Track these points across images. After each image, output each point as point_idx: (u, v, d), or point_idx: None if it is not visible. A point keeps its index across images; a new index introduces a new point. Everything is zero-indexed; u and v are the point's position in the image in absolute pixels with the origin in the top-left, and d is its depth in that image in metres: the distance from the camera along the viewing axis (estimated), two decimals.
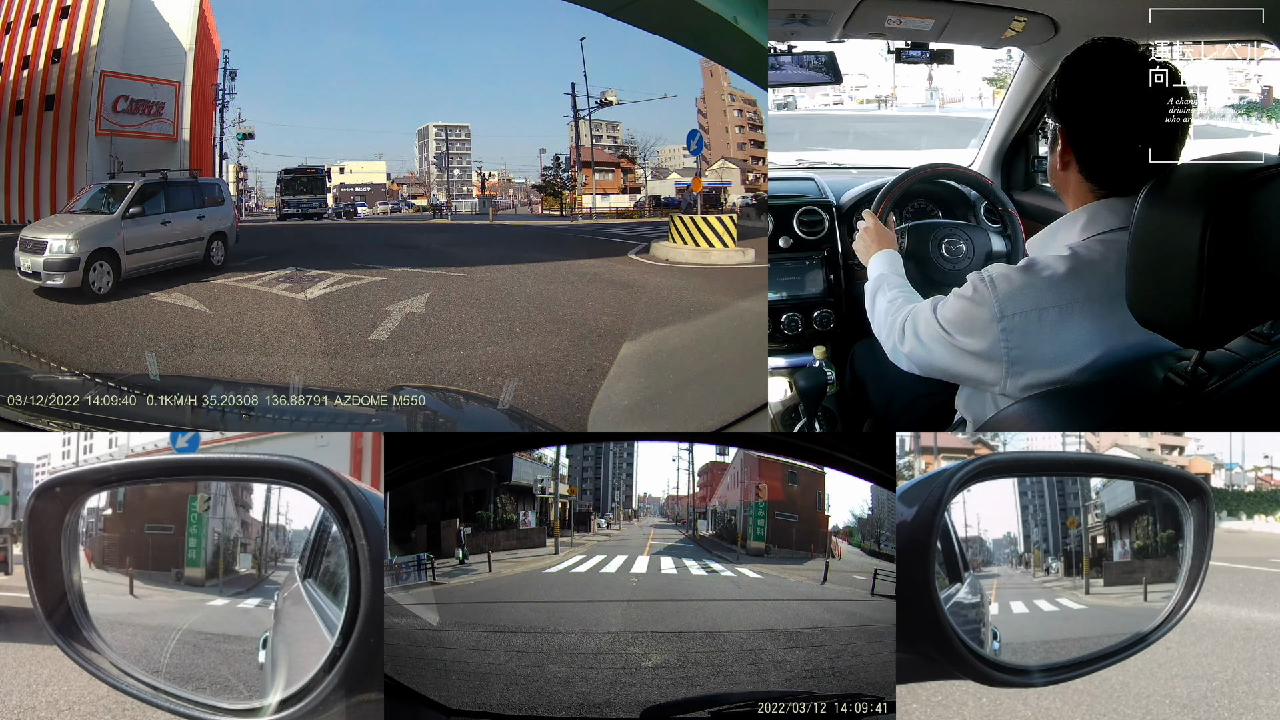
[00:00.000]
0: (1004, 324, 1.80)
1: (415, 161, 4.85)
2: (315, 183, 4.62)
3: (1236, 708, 4.43)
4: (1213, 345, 1.63)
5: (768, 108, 4.56)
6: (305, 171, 4.59)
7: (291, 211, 4.58)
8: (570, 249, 4.46)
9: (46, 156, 3.80)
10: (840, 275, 3.45)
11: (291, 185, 4.59)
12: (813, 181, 3.61)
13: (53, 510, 1.14)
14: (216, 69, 4.03)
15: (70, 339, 3.31)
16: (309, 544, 1.21)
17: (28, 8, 3.83)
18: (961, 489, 1.20)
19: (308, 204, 4.62)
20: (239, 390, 2.95)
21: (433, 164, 4.85)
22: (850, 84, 9.48)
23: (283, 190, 4.57)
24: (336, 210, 4.65)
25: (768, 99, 4.33)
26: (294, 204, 4.59)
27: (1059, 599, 1.27)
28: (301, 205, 4.60)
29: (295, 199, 4.60)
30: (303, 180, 4.60)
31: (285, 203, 4.56)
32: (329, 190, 4.61)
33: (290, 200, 4.59)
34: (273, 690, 1.11)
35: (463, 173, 4.85)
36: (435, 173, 4.86)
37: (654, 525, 1.24)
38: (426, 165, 4.86)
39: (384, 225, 4.76)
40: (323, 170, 4.64)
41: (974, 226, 3.16)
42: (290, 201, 4.59)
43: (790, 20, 3.03)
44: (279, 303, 3.71)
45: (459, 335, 3.56)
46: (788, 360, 3.42)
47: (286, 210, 4.57)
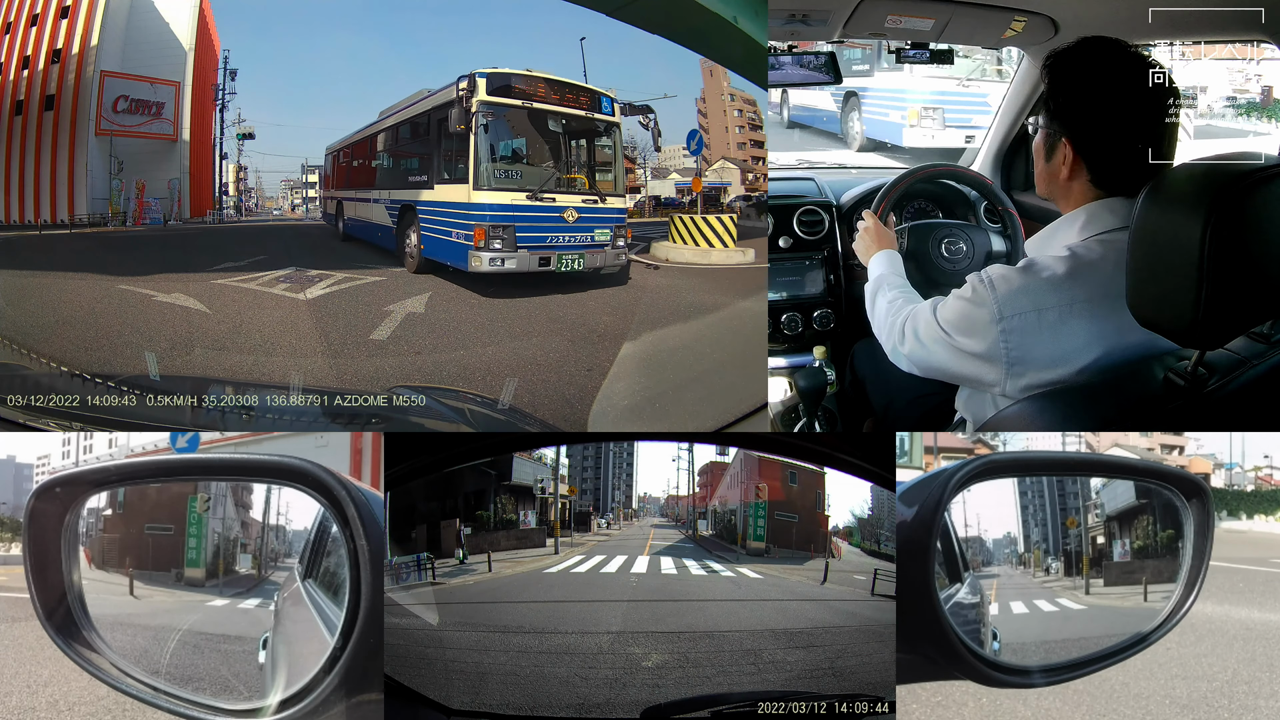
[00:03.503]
0: (1003, 325, 1.80)
1: None
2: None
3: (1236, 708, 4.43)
4: (1213, 345, 1.63)
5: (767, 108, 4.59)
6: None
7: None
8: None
9: (46, 156, 3.80)
10: (840, 275, 3.45)
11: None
12: (813, 181, 3.61)
13: (53, 510, 1.14)
14: (216, 69, 4.03)
15: (70, 339, 3.31)
16: (309, 544, 1.21)
17: (28, 8, 3.83)
18: (961, 489, 1.20)
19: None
20: (239, 390, 2.95)
21: None
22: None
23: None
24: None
25: (768, 99, 4.37)
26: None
27: (1059, 599, 1.27)
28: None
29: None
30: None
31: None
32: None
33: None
34: (273, 690, 1.11)
35: None
36: None
37: (654, 525, 1.24)
38: None
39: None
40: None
41: (974, 226, 3.16)
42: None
43: (790, 20, 3.03)
44: (279, 303, 3.71)
45: (459, 335, 3.56)
46: (788, 360, 3.42)
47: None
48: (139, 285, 3.64)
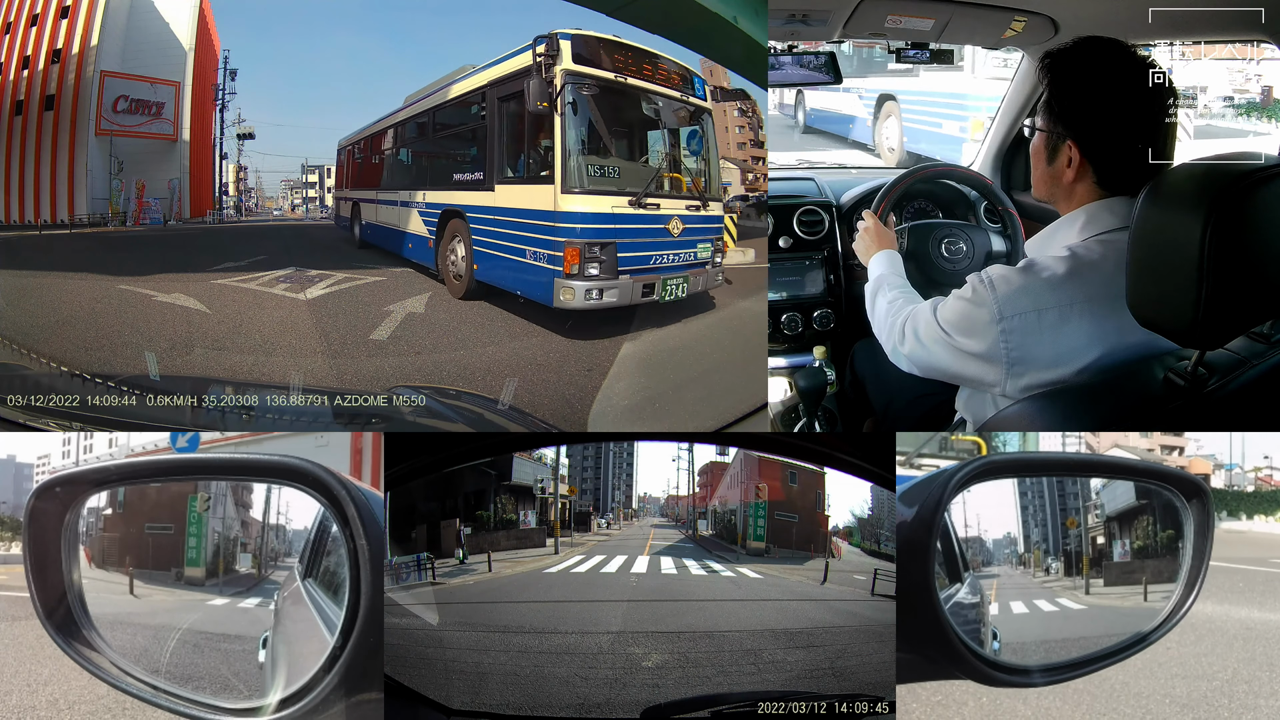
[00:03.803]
0: (1003, 325, 1.80)
1: None
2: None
3: (1236, 708, 4.43)
4: (1213, 345, 1.63)
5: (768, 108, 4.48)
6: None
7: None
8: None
9: (46, 156, 3.80)
10: (840, 275, 3.45)
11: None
12: (813, 181, 3.61)
13: (53, 510, 1.14)
14: (216, 69, 4.03)
15: (70, 339, 3.31)
16: (309, 544, 1.21)
17: (28, 8, 3.83)
18: (961, 489, 1.20)
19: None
20: (239, 390, 2.95)
21: None
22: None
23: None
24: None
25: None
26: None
27: (1059, 599, 1.27)
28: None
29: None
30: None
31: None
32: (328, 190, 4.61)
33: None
34: (273, 690, 1.11)
35: None
36: None
37: (654, 525, 1.24)
38: None
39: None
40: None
41: (974, 226, 3.16)
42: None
43: (790, 20, 3.03)
44: (279, 303, 3.71)
45: (459, 335, 3.56)
46: (788, 360, 3.42)
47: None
48: (139, 285, 3.64)
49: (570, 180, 2.73)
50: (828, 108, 8.70)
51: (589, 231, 2.74)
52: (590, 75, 2.85)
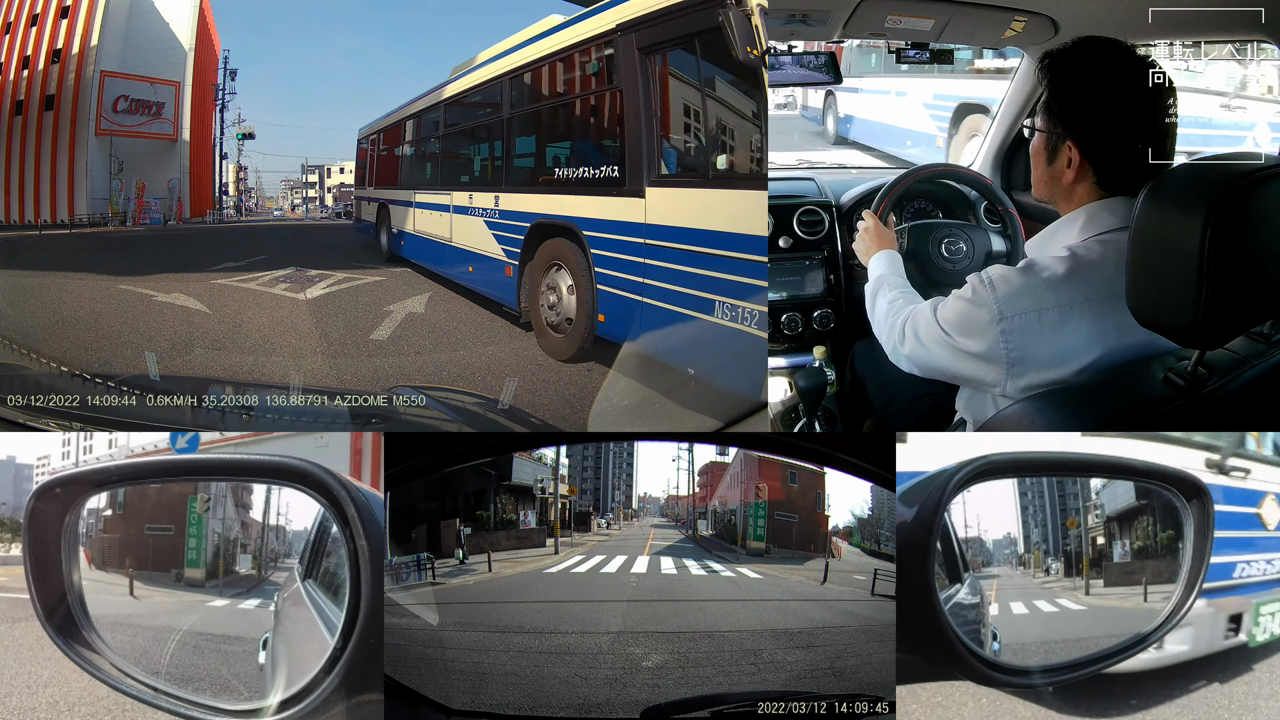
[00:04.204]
0: (1003, 325, 1.80)
1: None
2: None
3: (1236, 708, 4.43)
4: (1213, 345, 1.63)
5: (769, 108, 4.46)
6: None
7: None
8: None
9: (46, 156, 3.80)
10: (840, 275, 3.44)
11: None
12: (813, 181, 3.61)
13: (53, 510, 1.14)
14: (216, 69, 4.03)
15: (70, 339, 3.30)
16: (309, 544, 1.21)
17: (28, 8, 3.83)
18: (961, 489, 1.20)
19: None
20: (239, 390, 2.95)
21: None
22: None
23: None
24: (336, 210, 4.65)
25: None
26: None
27: (1059, 600, 1.27)
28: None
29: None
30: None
31: None
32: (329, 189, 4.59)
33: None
34: (273, 691, 1.11)
35: None
36: None
37: (654, 525, 1.24)
38: None
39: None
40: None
41: (974, 226, 3.16)
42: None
43: (790, 20, 3.03)
44: (279, 303, 3.70)
45: (459, 335, 3.55)
46: (788, 360, 3.42)
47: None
48: (139, 285, 3.64)
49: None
50: (869, 115, 6.50)
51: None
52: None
